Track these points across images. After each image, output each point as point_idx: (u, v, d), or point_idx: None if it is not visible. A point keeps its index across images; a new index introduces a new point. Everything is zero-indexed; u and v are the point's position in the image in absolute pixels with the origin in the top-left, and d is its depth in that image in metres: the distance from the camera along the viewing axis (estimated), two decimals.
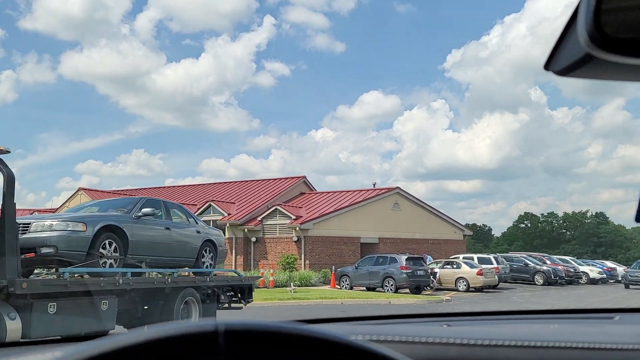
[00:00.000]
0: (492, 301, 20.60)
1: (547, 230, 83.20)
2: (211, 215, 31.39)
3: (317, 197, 34.21)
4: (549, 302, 20.13)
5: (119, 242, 9.09)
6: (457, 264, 25.51)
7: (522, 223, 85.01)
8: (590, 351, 1.01)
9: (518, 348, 0.99)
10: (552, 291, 25.31)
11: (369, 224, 31.33)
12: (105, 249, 8.85)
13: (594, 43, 0.49)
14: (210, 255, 11.44)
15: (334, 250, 29.86)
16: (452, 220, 37.34)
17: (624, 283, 27.93)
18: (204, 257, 11.26)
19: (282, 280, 25.88)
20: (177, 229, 10.68)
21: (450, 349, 0.98)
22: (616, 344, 1.02)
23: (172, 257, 10.44)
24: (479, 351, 0.98)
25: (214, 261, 11.58)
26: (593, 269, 31.65)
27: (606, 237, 76.43)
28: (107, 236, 8.93)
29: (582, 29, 0.50)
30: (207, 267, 11.34)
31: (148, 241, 9.80)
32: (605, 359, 1.00)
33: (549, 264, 29.65)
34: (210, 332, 0.54)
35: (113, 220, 9.14)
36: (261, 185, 36.25)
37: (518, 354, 0.98)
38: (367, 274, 23.68)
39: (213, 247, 11.61)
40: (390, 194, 33.59)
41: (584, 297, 22.42)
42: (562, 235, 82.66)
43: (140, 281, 9.44)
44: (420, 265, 23.20)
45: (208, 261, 11.37)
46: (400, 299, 19.79)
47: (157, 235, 10.09)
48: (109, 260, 8.90)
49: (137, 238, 9.47)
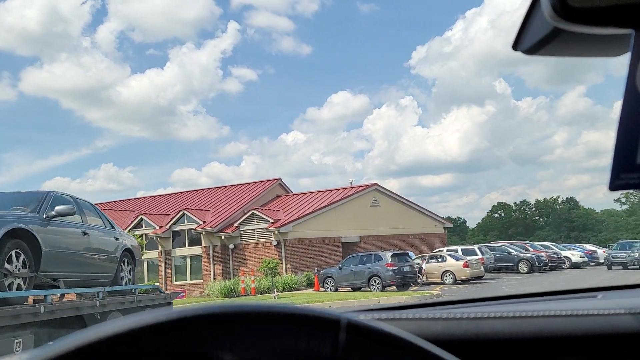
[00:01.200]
0: (482, 292, 20.15)
1: (521, 218, 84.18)
2: (185, 224, 30.32)
3: (294, 199, 33.40)
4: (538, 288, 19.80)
5: (28, 253, 6.73)
6: (442, 257, 25.05)
7: (495, 213, 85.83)
8: (574, 317, 1.02)
9: (503, 319, 1.00)
10: (538, 278, 25.09)
11: (348, 222, 30.67)
12: (11, 263, 6.48)
13: (558, 15, 0.49)
14: (128, 267, 9.58)
15: (315, 252, 29.10)
16: (432, 213, 37.00)
17: (606, 265, 27.96)
18: (122, 270, 9.30)
19: (264, 287, 25.03)
20: (96, 235, 8.47)
21: (437, 323, 0.98)
22: (599, 310, 1.04)
23: (91, 273, 8.27)
24: (465, 324, 0.98)
25: (133, 275, 9.77)
26: (575, 253, 31.66)
27: (578, 221, 77.71)
28: (14, 245, 6.52)
29: (546, 3, 0.50)
30: (127, 283, 9.40)
31: (65, 251, 7.50)
32: (589, 325, 1.02)
33: (531, 251, 29.51)
34: (333, 321, 0.51)
35: (20, 221, 6.70)
36: (235, 190, 35.25)
37: (504, 324, 0.99)
38: (352, 274, 22.99)
39: (131, 257, 9.74)
40: (369, 191, 33.02)
41: (572, 282, 22.21)
42: (536, 222, 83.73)
43: (64, 307, 7.21)
44: (406, 261, 22.62)
45: (127, 276, 9.47)
46: (389, 297, 19.16)
47: (74, 243, 7.82)
48: (17, 280, 6.62)
49: (52, 247, 7.12)
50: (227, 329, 0.49)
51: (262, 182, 35.49)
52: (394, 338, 0.53)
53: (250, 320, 0.50)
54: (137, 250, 10.25)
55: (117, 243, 9.17)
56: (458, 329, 0.98)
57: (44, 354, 0.45)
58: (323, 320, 0.52)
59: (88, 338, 0.46)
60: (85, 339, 0.46)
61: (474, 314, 1.00)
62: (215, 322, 0.49)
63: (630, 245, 27.88)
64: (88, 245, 8.19)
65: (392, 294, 20.11)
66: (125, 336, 0.46)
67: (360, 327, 0.52)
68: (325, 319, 0.52)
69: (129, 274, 9.57)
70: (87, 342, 0.45)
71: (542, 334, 1.00)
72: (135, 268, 9.93)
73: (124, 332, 0.46)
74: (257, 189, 34.21)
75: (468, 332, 0.98)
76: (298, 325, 0.51)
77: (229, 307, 0.50)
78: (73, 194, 8.57)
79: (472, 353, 0.97)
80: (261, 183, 35.41)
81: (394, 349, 0.53)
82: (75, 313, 7.33)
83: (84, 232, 8.13)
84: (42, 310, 6.50)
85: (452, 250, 27.06)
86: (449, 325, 0.99)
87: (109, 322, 0.48)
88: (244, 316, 0.50)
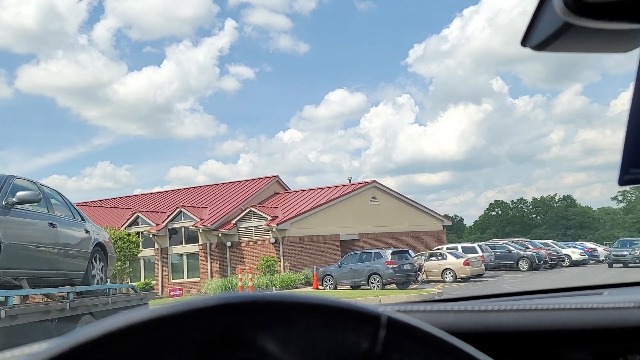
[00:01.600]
0: (483, 290, 19.88)
1: (518, 216, 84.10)
2: (182, 221, 29.96)
3: (292, 196, 33.07)
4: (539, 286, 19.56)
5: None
6: (442, 255, 24.78)
7: (492, 211, 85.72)
8: (583, 311, 1.03)
9: (512, 312, 1.01)
10: (539, 276, 24.85)
11: (347, 220, 30.36)
12: None
13: (569, 9, 0.50)
14: (100, 265, 8.47)
15: (314, 249, 28.79)
16: (431, 211, 36.72)
17: (607, 263, 27.76)
18: (94, 268, 8.20)
19: (262, 285, 24.70)
20: (64, 227, 7.34)
21: (449, 315, 1.00)
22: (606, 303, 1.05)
23: (59, 270, 7.22)
24: (475, 317, 1.00)
25: (105, 273, 8.67)
26: (575, 251, 31.45)
27: (575, 219, 77.68)
28: None
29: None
30: (99, 282, 8.32)
31: (28, 245, 6.48)
32: (596, 317, 1.03)
33: (531, 249, 29.27)
34: (374, 317, 0.52)
35: None
36: (233, 187, 34.89)
37: (512, 317, 1.00)
38: (351, 271, 22.66)
39: (104, 253, 8.60)
40: (368, 188, 32.71)
41: (574, 280, 21.97)
42: (533, 220, 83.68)
43: (29, 311, 6.19)
44: (406, 259, 22.32)
45: (99, 274, 8.36)
46: (390, 295, 18.86)
47: (39, 236, 6.75)
48: None
49: (13, 240, 6.12)
50: (269, 317, 0.50)
51: (260, 180, 35.12)
52: (433, 337, 0.53)
53: (292, 309, 0.51)
54: (110, 245, 9.10)
55: (88, 237, 8.04)
56: (468, 321, 0.99)
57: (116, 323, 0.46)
58: (364, 315, 0.52)
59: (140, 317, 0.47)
60: (139, 318, 0.47)
61: (484, 307, 1.02)
62: (259, 309, 0.50)
63: (631, 243, 27.66)
64: (55, 238, 7.05)
65: (393, 292, 19.82)
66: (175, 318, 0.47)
67: (400, 324, 0.52)
68: (367, 314, 0.52)
69: (101, 272, 8.49)
70: (140, 320, 0.47)
71: (551, 327, 1.00)
72: (108, 265, 8.84)
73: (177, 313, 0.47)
74: (255, 186, 33.86)
75: (478, 325, 0.99)
76: (338, 318, 0.51)
77: (271, 296, 0.51)
78: (37, 180, 7.44)
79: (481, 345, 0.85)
80: (259, 180, 35.06)
81: (432, 348, 0.53)
82: (42, 317, 6.32)
83: (50, 224, 6.99)
84: (3, 314, 5.62)
85: (452, 248, 26.79)
86: (460, 318, 1.00)
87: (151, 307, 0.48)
88: (286, 305, 0.51)
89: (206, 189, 36.54)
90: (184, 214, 29.94)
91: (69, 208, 7.95)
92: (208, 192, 35.38)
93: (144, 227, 30.51)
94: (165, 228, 30.18)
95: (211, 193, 34.94)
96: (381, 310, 0.52)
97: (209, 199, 33.66)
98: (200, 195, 35.06)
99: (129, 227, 30.15)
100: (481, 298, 1.45)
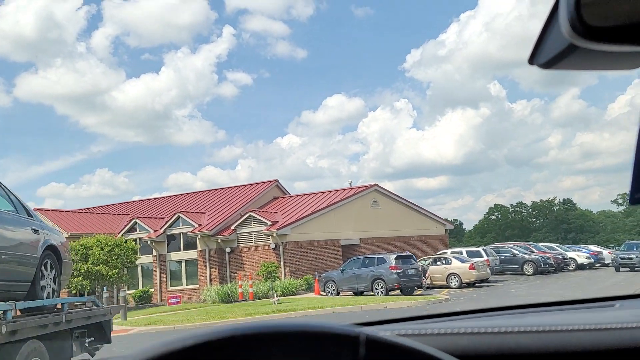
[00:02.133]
0: (492, 297, 19.33)
1: (518, 220, 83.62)
2: (181, 227, 29.38)
3: (292, 201, 32.51)
4: (548, 292, 19.05)
5: None
6: (447, 260, 24.23)
7: (492, 215, 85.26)
8: (597, 332, 1.02)
9: (527, 333, 1.00)
10: (546, 280, 24.33)
11: (348, 224, 29.81)
12: None
13: (576, 33, 0.50)
14: (52, 272, 6.91)
15: (315, 254, 28.21)
16: (433, 215, 36.20)
17: (614, 266, 27.24)
18: (44, 277, 6.64)
19: (262, 292, 24.12)
20: (4, 225, 5.89)
21: (463, 338, 0.99)
22: (621, 324, 1.04)
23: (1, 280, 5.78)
24: (490, 339, 0.99)
25: (58, 284, 7.11)
26: (580, 255, 30.92)
27: (575, 223, 77.27)
28: None
29: (564, 20, 0.51)
30: (49, 294, 6.77)
31: None
32: (611, 338, 1.02)
33: (536, 253, 28.75)
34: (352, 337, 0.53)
35: None
36: (232, 192, 34.32)
37: (528, 339, 0.99)
38: (354, 277, 22.07)
39: (57, 259, 7.05)
40: (369, 192, 32.19)
41: (583, 285, 21.45)
42: (532, 223, 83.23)
43: None
44: (410, 264, 21.75)
45: (50, 285, 6.80)
46: (396, 302, 18.31)
47: None
48: None
49: None
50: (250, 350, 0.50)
51: (259, 184, 34.57)
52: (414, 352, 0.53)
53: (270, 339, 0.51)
54: (65, 249, 7.51)
55: (36, 238, 6.50)
56: (483, 343, 0.98)
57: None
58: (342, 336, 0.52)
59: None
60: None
61: (498, 328, 1.00)
62: (238, 343, 0.50)
63: (637, 246, 27.17)
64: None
65: (398, 299, 19.26)
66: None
67: (379, 342, 0.53)
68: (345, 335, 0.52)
69: (53, 282, 6.90)
70: None
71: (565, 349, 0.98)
72: (62, 274, 7.20)
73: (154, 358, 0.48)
74: (254, 191, 33.30)
75: (492, 347, 0.98)
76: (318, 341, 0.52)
77: (249, 329, 0.51)
78: None
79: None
80: (258, 185, 34.50)
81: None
82: None
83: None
84: None
85: (457, 252, 26.26)
86: (474, 340, 0.98)
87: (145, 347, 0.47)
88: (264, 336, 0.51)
89: (205, 194, 35.97)
90: (182, 219, 29.36)
91: (10, 201, 6.41)
92: (206, 198, 34.81)
93: (142, 234, 29.91)
94: (163, 234, 29.58)
95: (210, 198, 34.37)
96: (359, 330, 0.52)
97: (207, 204, 33.08)
98: (198, 201, 34.48)
99: (127, 234, 29.54)
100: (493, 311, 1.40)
